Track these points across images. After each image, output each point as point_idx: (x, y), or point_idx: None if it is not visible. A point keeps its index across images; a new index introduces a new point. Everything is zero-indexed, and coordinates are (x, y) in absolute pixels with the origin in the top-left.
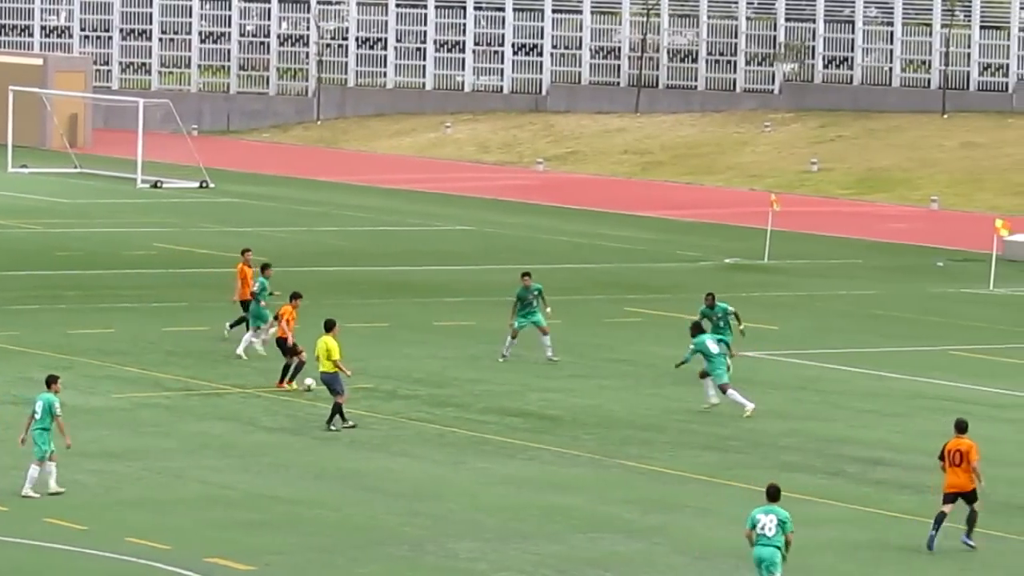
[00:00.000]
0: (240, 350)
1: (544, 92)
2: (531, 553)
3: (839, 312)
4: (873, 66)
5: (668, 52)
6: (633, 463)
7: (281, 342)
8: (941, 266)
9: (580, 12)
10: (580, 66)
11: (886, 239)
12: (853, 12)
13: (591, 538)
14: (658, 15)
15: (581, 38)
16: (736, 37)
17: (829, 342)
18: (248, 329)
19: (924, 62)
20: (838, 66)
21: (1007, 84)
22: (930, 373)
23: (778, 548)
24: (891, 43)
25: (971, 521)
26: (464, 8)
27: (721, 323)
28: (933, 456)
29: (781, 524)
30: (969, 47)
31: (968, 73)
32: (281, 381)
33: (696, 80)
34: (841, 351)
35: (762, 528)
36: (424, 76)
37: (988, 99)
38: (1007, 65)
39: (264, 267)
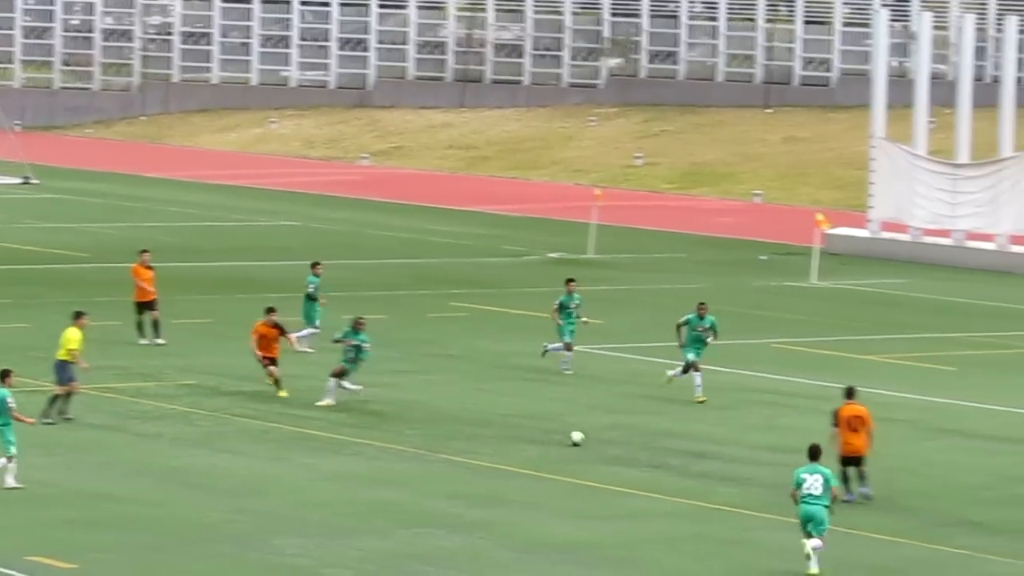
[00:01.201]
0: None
1: (369, 87)
2: (355, 549)
3: (664, 306)
4: (697, 61)
5: (493, 47)
6: (458, 458)
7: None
8: (765, 260)
9: (405, 7)
10: (406, 61)
11: (710, 233)
12: (678, 7)
13: (416, 533)
14: (484, 10)
15: (406, 33)
16: (561, 32)
17: (654, 336)
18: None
19: (748, 57)
20: (663, 61)
21: (829, 79)
22: (754, 366)
23: (826, 507)
24: (715, 38)
25: (863, 476)
26: (289, 3)
27: (708, 336)
28: (757, 449)
29: (826, 481)
30: (792, 42)
31: (791, 68)
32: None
33: (521, 75)
34: (666, 345)
35: (808, 488)
36: (249, 71)
37: (811, 93)
38: (829, 60)
39: (314, 264)
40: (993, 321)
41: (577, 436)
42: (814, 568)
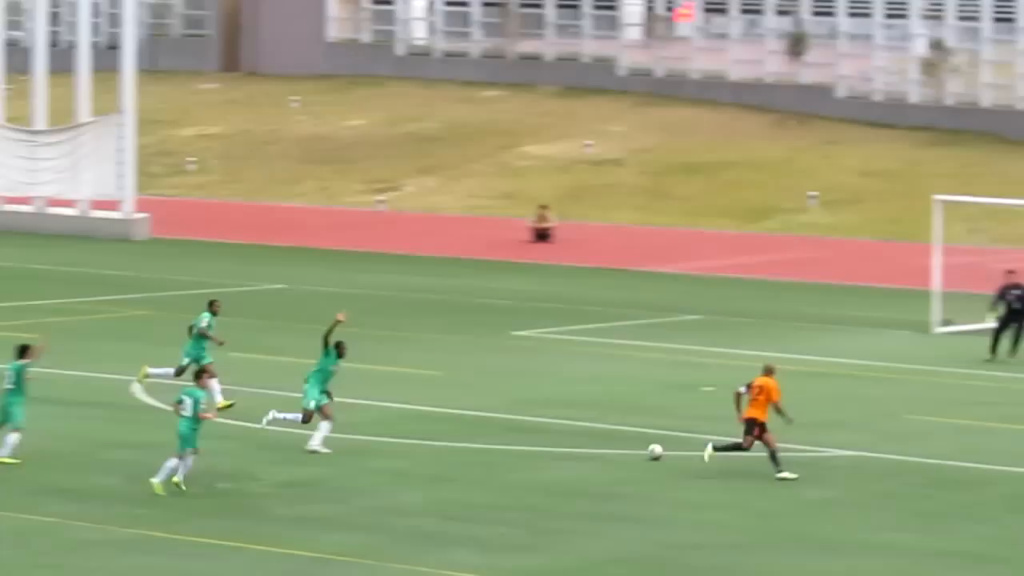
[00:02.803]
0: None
1: None
2: None
3: None
4: None
5: None
6: None
7: None
8: None
9: None
10: None
11: None
12: None
13: None
14: None
15: None
16: None
17: None
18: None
19: None
20: None
21: None
22: None
23: (194, 428)
24: None
25: None
26: None
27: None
28: None
29: (195, 403)
30: None
31: None
32: None
33: None
34: None
35: (184, 408)
36: None
37: None
38: None
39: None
40: (77, 287)
41: (656, 450)
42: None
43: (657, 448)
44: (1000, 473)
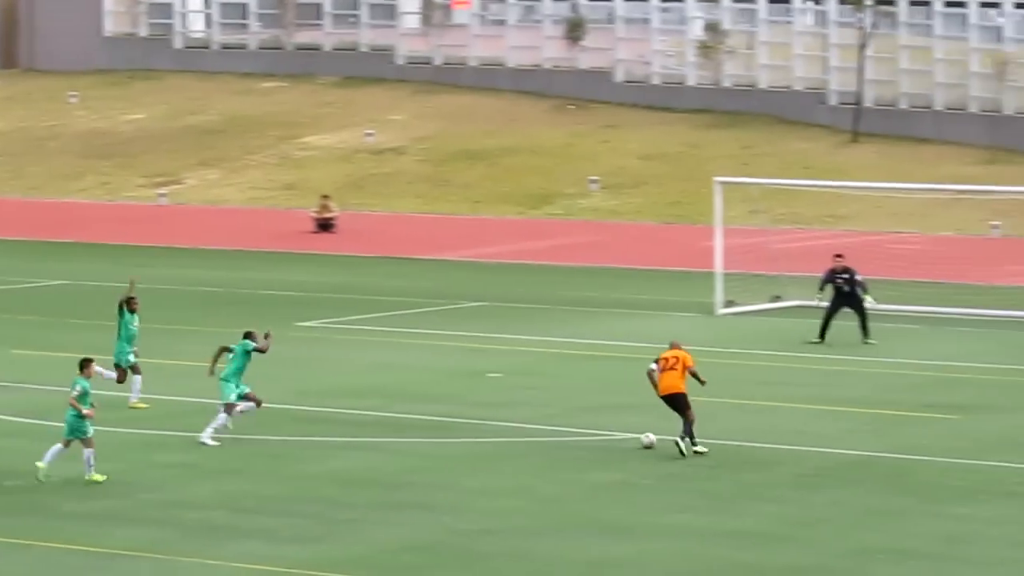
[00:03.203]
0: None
1: None
2: None
3: None
4: None
5: None
6: None
7: None
8: None
9: None
10: None
11: None
12: None
13: None
14: None
15: None
16: None
17: None
18: None
19: None
20: None
21: None
22: None
23: (77, 416)
24: None
25: None
26: None
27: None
28: None
29: (84, 394)
30: None
31: None
32: None
33: None
34: None
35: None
36: None
37: None
38: None
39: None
40: None
41: (650, 437)
42: (41, 465)
43: (650, 436)
44: (786, 452)
